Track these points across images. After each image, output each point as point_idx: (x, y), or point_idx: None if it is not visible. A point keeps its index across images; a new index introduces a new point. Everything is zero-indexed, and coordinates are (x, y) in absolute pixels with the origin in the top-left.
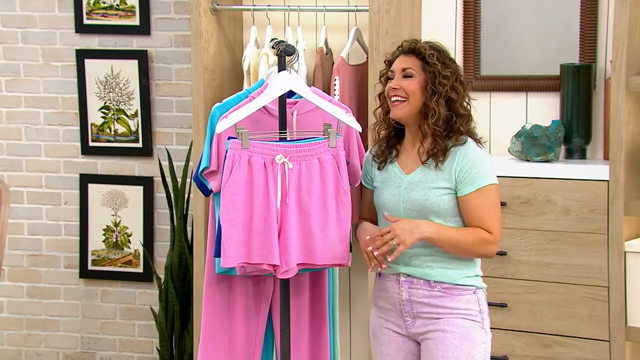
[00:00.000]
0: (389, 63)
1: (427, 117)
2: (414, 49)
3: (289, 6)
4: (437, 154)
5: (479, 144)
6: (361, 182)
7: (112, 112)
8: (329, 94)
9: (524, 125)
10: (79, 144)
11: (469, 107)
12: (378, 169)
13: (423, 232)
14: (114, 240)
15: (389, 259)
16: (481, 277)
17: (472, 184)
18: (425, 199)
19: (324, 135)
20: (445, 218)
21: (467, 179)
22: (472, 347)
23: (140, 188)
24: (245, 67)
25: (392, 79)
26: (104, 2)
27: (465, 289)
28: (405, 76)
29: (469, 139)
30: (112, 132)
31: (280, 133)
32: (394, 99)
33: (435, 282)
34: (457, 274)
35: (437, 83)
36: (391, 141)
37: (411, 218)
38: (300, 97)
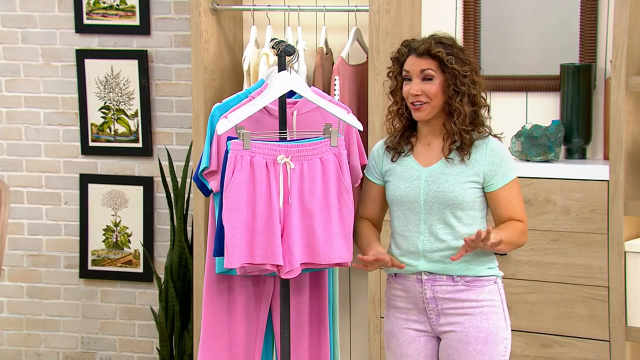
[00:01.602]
0: (397, 60)
1: (453, 116)
2: (429, 52)
3: (289, 6)
4: (464, 148)
5: (499, 139)
6: (366, 177)
7: (112, 112)
8: (329, 94)
9: (524, 125)
10: (79, 144)
11: (485, 94)
12: (391, 160)
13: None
14: (114, 240)
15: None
16: (497, 266)
17: (503, 178)
18: (450, 191)
19: (324, 134)
20: (466, 211)
21: (499, 173)
22: (494, 349)
23: (140, 188)
24: (245, 67)
25: (408, 79)
26: (104, 2)
27: (487, 280)
28: (425, 78)
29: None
30: (112, 132)
31: (280, 133)
32: (416, 104)
33: (458, 276)
34: (479, 266)
35: (458, 84)
36: (406, 133)
37: (432, 211)
38: (300, 97)
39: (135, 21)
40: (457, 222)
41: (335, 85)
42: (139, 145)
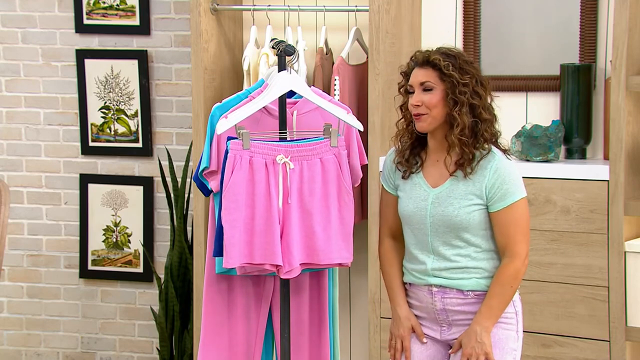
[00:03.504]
0: (405, 74)
1: (453, 127)
2: (428, 61)
3: (289, 6)
4: (465, 164)
5: (507, 156)
6: (383, 187)
7: (112, 112)
8: (329, 94)
9: (524, 125)
10: (79, 144)
11: (492, 108)
12: (402, 177)
13: (488, 330)
14: (114, 240)
15: None
16: None
17: (503, 201)
18: (454, 216)
19: (324, 135)
20: (474, 232)
21: (499, 195)
22: (501, 357)
23: (140, 188)
24: (245, 67)
25: (412, 92)
26: (104, 2)
27: None
28: (425, 89)
29: (496, 150)
30: (112, 132)
31: (280, 133)
32: (417, 115)
33: (468, 290)
34: (490, 281)
35: (457, 93)
36: (415, 150)
37: (438, 233)
38: (300, 97)
39: (135, 21)
40: (464, 244)
41: (335, 85)
42: (139, 145)
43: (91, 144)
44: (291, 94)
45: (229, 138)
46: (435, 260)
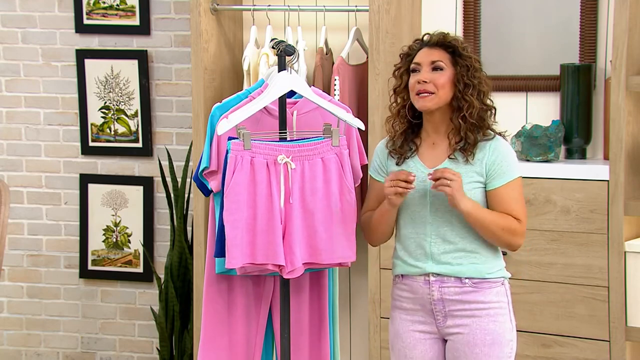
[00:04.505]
0: (407, 56)
1: (461, 110)
2: (443, 43)
3: (289, 6)
4: (467, 148)
5: (503, 138)
6: (372, 177)
7: (112, 112)
8: (329, 94)
9: (524, 125)
10: (79, 144)
11: (492, 100)
12: (396, 164)
13: (466, 205)
14: (114, 240)
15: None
16: (505, 266)
17: (502, 178)
18: None
19: (324, 134)
20: None
21: (499, 172)
22: (500, 351)
23: (140, 188)
24: (245, 67)
25: (417, 71)
26: (104, 2)
27: (494, 281)
28: (435, 69)
29: (496, 134)
30: (112, 132)
31: (280, 133)
32: (422, 93)
33: (466, 278)
34: (487, 267)
35: (470, 76)
36: (408, 136)
37: (438, 213)
38: (300, 97)
39: (135, 21)
40: (464, 222)
41: (335, 85)
42: (139, 145)
43: (91, 144)
44: (291, 94)
45: (230, 138)
46: (433, 243)
